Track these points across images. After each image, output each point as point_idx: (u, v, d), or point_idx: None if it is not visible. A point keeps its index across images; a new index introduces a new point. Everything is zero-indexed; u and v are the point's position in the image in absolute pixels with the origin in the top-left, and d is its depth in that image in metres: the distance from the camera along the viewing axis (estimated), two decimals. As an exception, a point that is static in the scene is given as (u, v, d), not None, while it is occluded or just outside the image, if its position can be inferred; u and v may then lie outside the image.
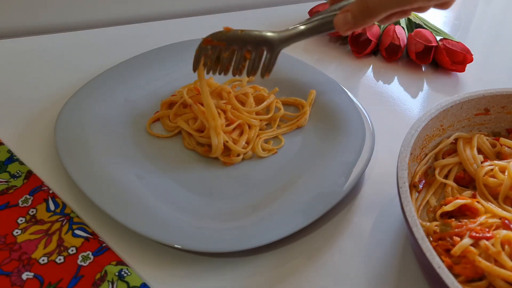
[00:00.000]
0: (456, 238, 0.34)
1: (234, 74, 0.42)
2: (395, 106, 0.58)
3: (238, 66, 0.42)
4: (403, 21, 0.69)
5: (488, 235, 0.33)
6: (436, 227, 0.36)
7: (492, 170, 0.40)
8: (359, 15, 0.37)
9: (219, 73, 0.43)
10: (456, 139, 0.45)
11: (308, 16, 0.72)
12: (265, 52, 0.41)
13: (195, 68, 0.43)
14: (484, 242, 0.32)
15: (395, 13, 0.38)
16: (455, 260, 0.33)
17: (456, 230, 0.35)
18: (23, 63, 0.58)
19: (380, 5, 0.36)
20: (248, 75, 0.42)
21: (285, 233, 0.38)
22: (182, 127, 0.48)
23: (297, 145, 0.49)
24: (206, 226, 0.39)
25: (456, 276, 0.33)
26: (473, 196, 0.39)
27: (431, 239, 0.36)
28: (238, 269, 0.38)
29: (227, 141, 0.46)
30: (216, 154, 0.46)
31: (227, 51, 0.41)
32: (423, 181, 0.42)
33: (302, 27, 0.41)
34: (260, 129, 0.50)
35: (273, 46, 0.40)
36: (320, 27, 0.40)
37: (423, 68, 0.66)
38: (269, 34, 0.41)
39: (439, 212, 0.38)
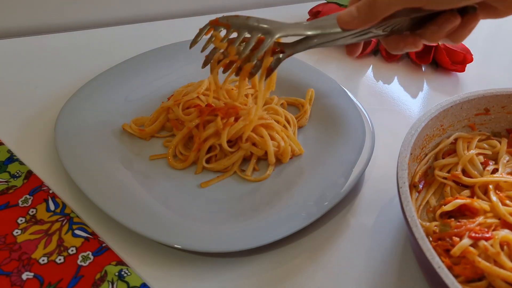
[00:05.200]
0: (456, 239, 0.34)
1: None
2: (395, 106, 0.58)
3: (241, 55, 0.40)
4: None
5: (487, 235, 0.33)
6: (435, 227, 0.36)
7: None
8: (365, 9, 0.35)
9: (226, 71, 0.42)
10: (456, 139, 0.45)
11: (308, 16, 0.72)
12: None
13: (205, 65, 0.42)
14: (483, 243, 0.32)
15: (407, 42, 0.39)
16: (454, 261, 0.33)
17: (456, 230, 0.35)
18: (23, 63, 0.58)
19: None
20: (241, 57, 0.40)
21: (285, 233, 0.38)
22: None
23: (297, 145, 0.49)
24: (206, 226, 0.39)
25: (455, 276, 0.33)
26: (472, 190, 0.39)
27: (430, 239, 0.36)
28: (238, 269, 0.38)
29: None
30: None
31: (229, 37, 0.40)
32: (423, 181, 0.42)
33: (305, 23, 0.40)
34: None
35: (271, 32, 0.39)
36: (322, 24, 0.39)
37: (423, 68, 0.66)
38: (268, 24, 0.40)
39: (439, 212, 0.38)
